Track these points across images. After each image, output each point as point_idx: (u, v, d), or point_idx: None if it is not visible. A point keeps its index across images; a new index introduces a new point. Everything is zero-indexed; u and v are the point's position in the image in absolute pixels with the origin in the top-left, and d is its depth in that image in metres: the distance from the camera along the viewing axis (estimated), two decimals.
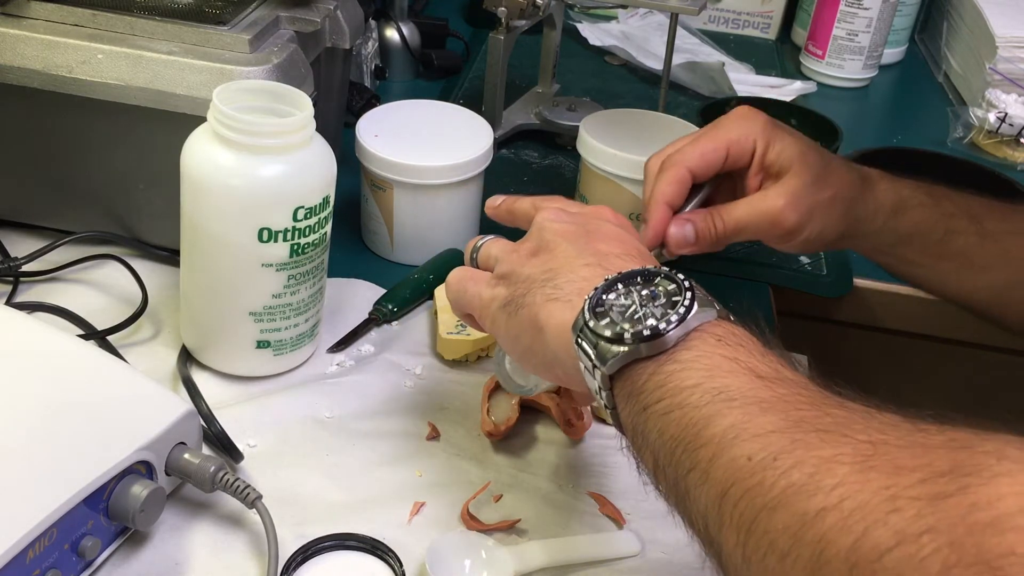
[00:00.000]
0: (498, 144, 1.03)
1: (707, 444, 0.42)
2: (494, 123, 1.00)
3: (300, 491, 0.63)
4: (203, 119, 0.65)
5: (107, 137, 0.76)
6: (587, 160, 0.87)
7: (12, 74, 0.73)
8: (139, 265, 0.78)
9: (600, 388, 0.49)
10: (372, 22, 1.14)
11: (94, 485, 0.53)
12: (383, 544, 0.59)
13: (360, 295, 0.81)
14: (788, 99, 1.24)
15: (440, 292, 0.79)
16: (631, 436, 0.48)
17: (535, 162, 1.06)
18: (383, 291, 0.81)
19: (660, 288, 0.49)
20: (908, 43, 1.45)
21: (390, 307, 0.79)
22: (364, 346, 0.77)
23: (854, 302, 0.95)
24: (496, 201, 0.67)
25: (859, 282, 0.94)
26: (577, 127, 0.89)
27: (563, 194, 0.95)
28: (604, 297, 0.49)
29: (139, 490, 0.55)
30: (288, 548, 0.58)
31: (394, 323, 0.79)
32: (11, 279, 0.77)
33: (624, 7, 1.42)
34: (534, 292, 0.55)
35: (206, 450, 0.63)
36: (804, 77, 1.36)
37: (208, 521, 0.61)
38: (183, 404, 0.59)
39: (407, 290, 0.80)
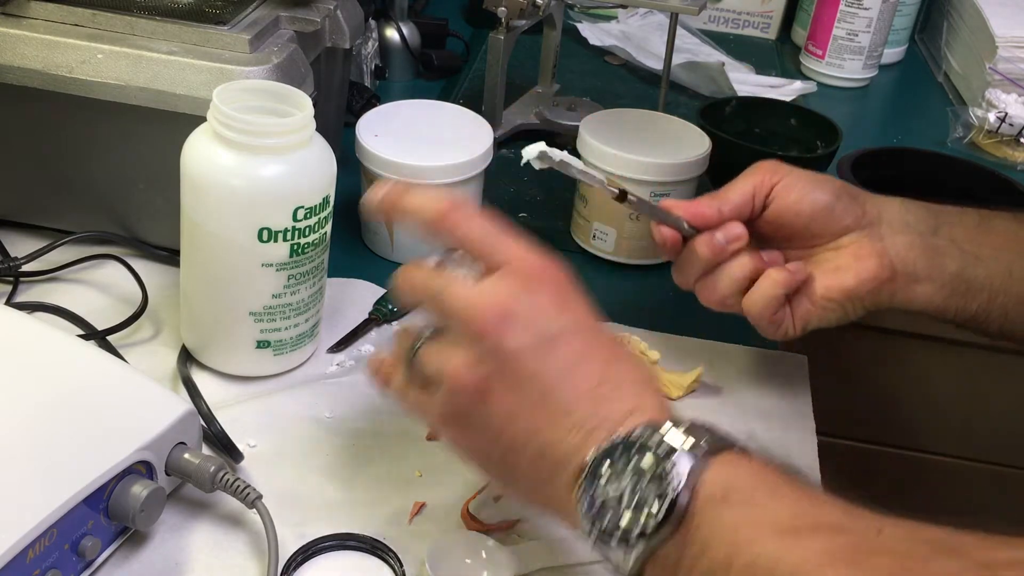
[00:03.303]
0: (498, 144, 1.03)
1: None
2: (494, 123, 1.00)
3: (300, 491, 0.63)
4: (203, 119, 0.65)
5: (107, 137, 0.76)
6: (587, 160, 0.87)
7: (12, 74, 0.73)
8: (139, 265, 0.78)
9: None
10: (372, 22, 1.14)
11: (94, 485, 0.53)
12: (383, 544, 0.59)
13: (360, 295, 0.81)
14: (788, 99, 1.24)
15: None
16: None
17: None
18: (383, 291, 0.81)
19: (644, 461, 0.46)
20: (908, 43, 1.45)
21: (390, 307, 0.79)
22: (364, 346, 0.77)
23: None
24: (380, 194, 0.56)
25: None
26: (577, 127, 0.89)
27: (563, 194, 0.96)
28: (595, 495, 0.47)
29: (139, 490, 0.55)
30: (288, 548, 0.58)
31: (394, 323, 0.79)
32: (11, 279, 0.77)
33: (624, 7, 1.42)
34: (519, 459, 0.50)
35: (206, 450, 0.63)
36: (804, 77, 1.35)
37: (208, 521, 0.61)
38: (183, 404, 0.59)
39: None
